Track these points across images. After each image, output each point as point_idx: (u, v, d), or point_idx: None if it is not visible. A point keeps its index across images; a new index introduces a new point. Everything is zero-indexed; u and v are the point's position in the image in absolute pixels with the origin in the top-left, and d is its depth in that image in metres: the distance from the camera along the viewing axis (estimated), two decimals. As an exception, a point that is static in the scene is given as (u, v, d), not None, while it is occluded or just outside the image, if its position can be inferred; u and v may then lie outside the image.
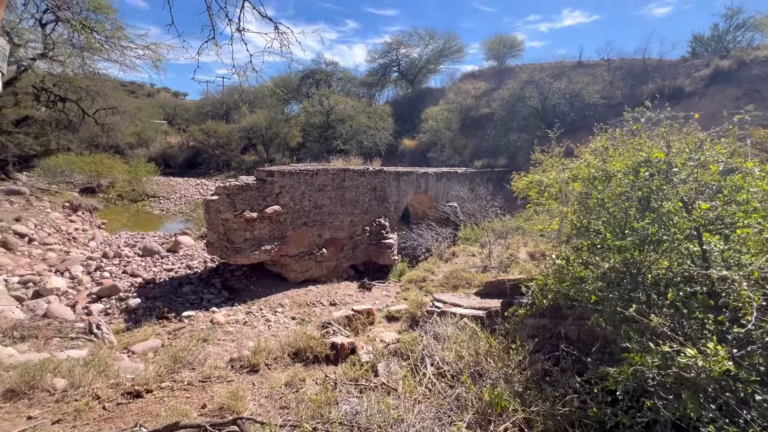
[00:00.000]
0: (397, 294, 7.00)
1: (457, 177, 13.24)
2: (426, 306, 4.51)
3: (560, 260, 2.95)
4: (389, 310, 4.97)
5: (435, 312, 4.11)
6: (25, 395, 3.04)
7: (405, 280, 7.39)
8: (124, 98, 19.96)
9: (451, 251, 8.34)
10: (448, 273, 6.56)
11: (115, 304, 6.46)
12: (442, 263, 7.76)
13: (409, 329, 4.28)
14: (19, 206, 10.33)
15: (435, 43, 28.71)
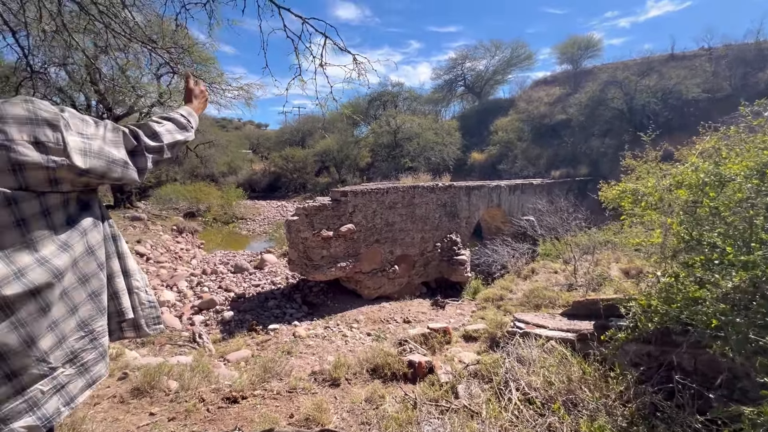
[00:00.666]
0: (473, 313, 6.75)
1: (532, 189, 12.54)
2: (506, 326, 4.28)
3: (667, 278, 2.60)
4: (466, 330, 4.80)
5: (517, 333, 3.87)
6: (147, 394, 3.50)
7: (480, 298, 7.11)
8: (218, 133, 22.75)
9: (529, 268, 7.84)
10: (528, 291, 6.16)
11: (212, 316, 7.21)
12: (520, 281, 7.33)
13: (489, 350, 4.08)
14: (139, 230, 12.20)
15: (502, 54, 28.07)
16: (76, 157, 0.87)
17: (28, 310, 0.81)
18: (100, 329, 1.02)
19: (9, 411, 0.81)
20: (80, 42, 3.53)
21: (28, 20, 2.97)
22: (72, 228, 0.90)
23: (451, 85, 30.85)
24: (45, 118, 0.84)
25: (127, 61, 5.38)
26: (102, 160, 0.94)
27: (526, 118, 22.03)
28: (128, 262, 1.13)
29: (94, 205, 0.99)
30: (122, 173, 1.00)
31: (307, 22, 2.29)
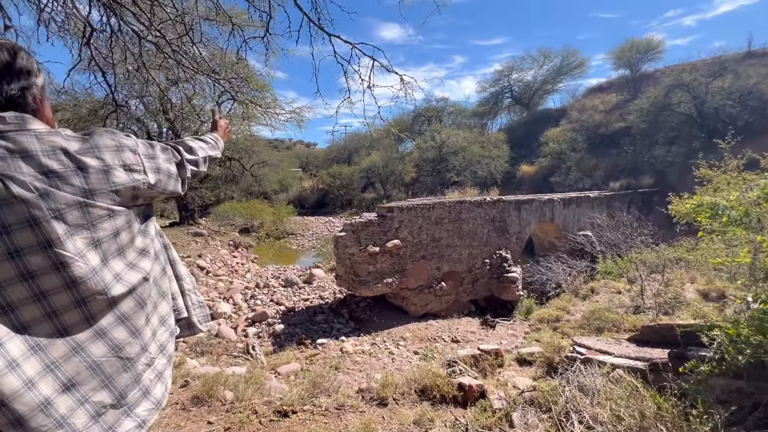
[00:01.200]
0: (526, 334, 6.37)
1: (589, 202, 11.78)
2: (565, 351, 3.98)
3: (760, 304, 2.28)
4: (520, 353, 4.53)
5: (577, 359, 3.58)
6: (205, 402, 3.68)
7: (534, 318, 6.71)
8: (271, 153, 24.05)
9: (588, 287, 7.29)
10: (588, 313, 5.71)
11: (264, 328, 7.48)
12: (578, 301, 6.82)
13: (546, 376, 3.81)
14: (200, 245, 13.12)
15: (551, 63, 27.17)
16: (150, 175, 1.02)
17: (129, 306, 0.95)
18: (174, 325, 1.16)
19: (132, 398, 0.94)
20: (155, 77, 3.95)
21: (115, 61, 3.37)
22: (145, 237, 1.04)
23: (498, 97, 30.30)
24: (126, 144, 0.99)
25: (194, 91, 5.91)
26: (164, 175, 1.09)
27: (579, 128, 20.90)
28: (178, 268, 1.27)
29: (152, 218, 1.13)
30: (174, 185, 1.15)
31: (356, 47, 2.38)
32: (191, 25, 3.03)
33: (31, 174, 0.81)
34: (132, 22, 3.00)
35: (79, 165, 0.87)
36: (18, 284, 0.79)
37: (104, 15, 2.99)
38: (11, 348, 0.77)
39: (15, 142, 0.81)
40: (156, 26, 2.56)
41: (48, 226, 0.82)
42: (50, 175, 0.83)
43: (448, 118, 31.72)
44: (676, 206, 3.56)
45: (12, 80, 0.88)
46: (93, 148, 0.91)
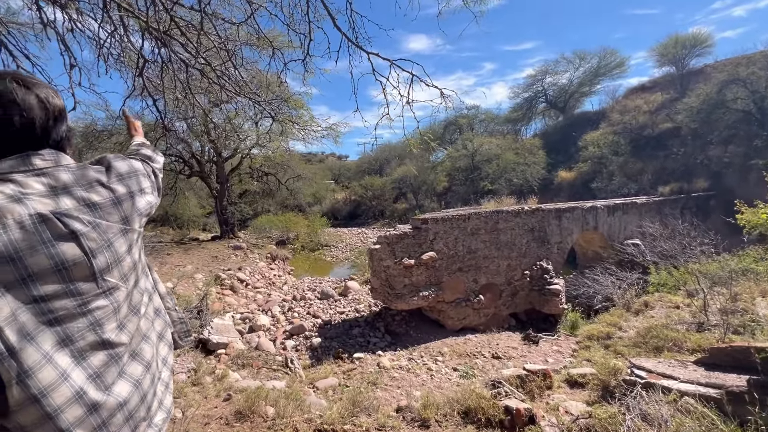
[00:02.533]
0: (574, 352, 5.99)
1: (636, 208, 11.08)
2: (622, 373, 3.68)
3: None
4: (570, 373, 4.24)
5: (637, 383, 3.30)
6: (248, 418, 3.72)
7: (582, 335, 6.31)
8: (304, 166, 24.72)
9: (641, 301, 6.78)
10: (643, 330, 5.29)
11: (302, 341, 7.55)
12: (630, 316, 6.35)
13: (601, 401, 3.52)
14: (239, 258, 13.58)
15: (587, 64, 26.14)
16: (157, 195, 1.12)
17: (144, 323, 1.01)
18: (170, 338, 1.21)
19: (153, 408, 0.97)
20: (200, 101, 4.15)
21: (164, 89, 3.57)
22: (140, 257, 1.08)
23: (531, 102, 29.51)
24: (138, 169, 1.05)
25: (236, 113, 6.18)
26: (161, 192, 1.19)
27: (621, 130, 19.83)
28: (159, 287, 1.32)
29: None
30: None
31: (394, 64, 2.38)
32: (234, 51, 3.15)
33: (78, 208, 0.83)
34: (180, 52, 3.17)
35: (114, 194, 0.92)
36: (79, 317, 0.81)
37: (155, 46, 3.18)
38: (75, 377, 0.78)
39: (56, 179, 0.84)
40: (202, 53, 2.68)
41: (101, 257, 0.85)
42: (94, 207, 0.86)
43: (480, 125, 31.26)
44: (747, 216, 3.22)
45: (63, 123, 0.93)
46: (119, 177, 0.96)
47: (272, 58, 2.86)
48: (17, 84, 0.86)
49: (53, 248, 0.77)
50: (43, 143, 0.88)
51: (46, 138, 0.88)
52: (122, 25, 3.05)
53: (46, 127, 0.88)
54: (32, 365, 0.71)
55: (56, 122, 0.91)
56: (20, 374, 0.70)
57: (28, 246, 0.74)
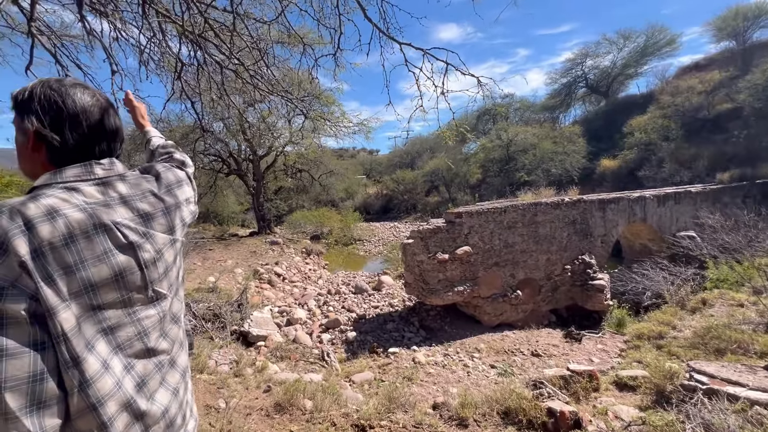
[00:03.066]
0: (622, 352, 5.64)
1: (690, 197, 10.24)
2: (679, 377, 3.40)
3: None
4: (619, 375, 3.99)
5: (698, 389, 3.03)
6: (287, 410, 3.80)
7: (631, 333, 5.93)
8: (336, 162, 25.02)
9: (698, 298, 6.27)
10: (702, 330, 4.88)
11: (337, 335, 7.66)
12: (686, 314, 5.89)
13: (656, 406, 3.28)
14: (276, 253, 13.99)
15: (633, 44, 24.37)
16: (196, 204, 1.13)
17: (185, 324, 1.05)
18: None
19: (187, 416, 0.96)
20: (235, 101, 4.24)
21: (201, 91, 3.68)
22: (181, 266, 1.09)
23: (570, 87, 28.01)
24: (182, 178, 1.06)
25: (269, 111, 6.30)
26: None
27: (672, 113, 18.36)
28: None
29: None
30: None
31: (428, 53, 2.28)
32: (266, 50, 3.17)
33: (133, 218, 0.84)
34: (215, 54, 3.23)
35: (164, 204, 0.93)
36: (129, 326, 0.81)
37: (191, 50, 3.27)
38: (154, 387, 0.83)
39: (114, 189, 0.84)
40: (235, 54, 2.71)
41: (153, 268, 0.85)
42: (147, 217, 0.87)
43: (515, 114, 30.16)
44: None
45: (121, 140, 0.96)
46: (168, 187, 0.97)
47: (303, 54, 2.85)
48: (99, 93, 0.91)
49: (114, 258, 0.78)
50: (113, 151, 0.92)
51: (120, 145, 0.93)
52: (161, 31, 3.15)
53: (116, 135, 0.93)
54: (93, 374, 0.72)
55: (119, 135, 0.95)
56: (82, 383, 0.70)
57: (93, 256, 0.75)
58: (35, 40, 2.83)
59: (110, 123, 0.90)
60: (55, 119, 0.81)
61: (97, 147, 0.87)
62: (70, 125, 0.82)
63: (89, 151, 0.86)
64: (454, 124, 2.66)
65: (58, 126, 0.81)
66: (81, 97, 0.85)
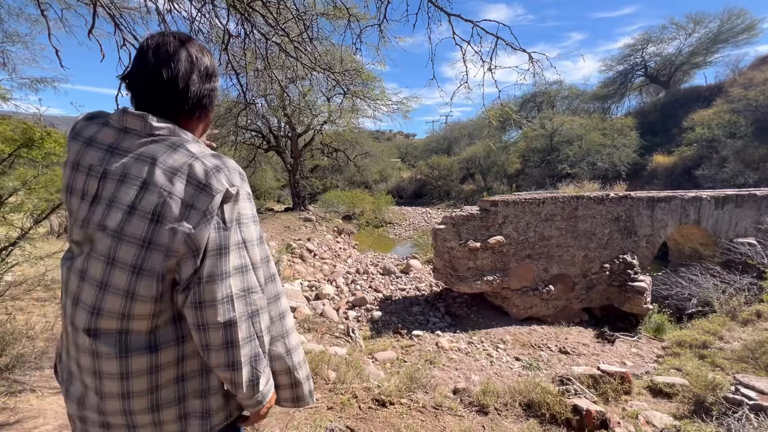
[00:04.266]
0: (659, 357, 5.36)
1: (754, 201, 9.35)
2: (722, 389, 3.18)
3: None
4: (654, 381, 3.79)
5: (744, 404, 2.82)
6: (311, 379, 3.96)
7: (671, 340, 5.60)
8: (372, 144, 24.97)
9: (752, 310, 5.78)
10: (753, 343, 4.51)
11: (363, 313, 7.80)
12: (736, 326, 5.47)
13: (693, 417, 3.10)
14: (309, 230, 14.35)
15: (704, 29, 22.13)
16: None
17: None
18: None
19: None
20: (278, 76, 4.28)
21: (246, 63, 3.74)
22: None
23: (626, 76, 26.03)
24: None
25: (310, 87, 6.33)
26: None
27: (743, 108, 16.64)
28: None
29: None
30: None
31: (477, 26, 2.16)
32: (310, 22, 3.15)
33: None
34: (261, 25, 3.26)
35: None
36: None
37: (239, 21, 3.31)
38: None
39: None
40: (281, 25, 2.71)
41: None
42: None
43: (562, 102, 28.57)
44: None
45: (209, 81, 0.95)
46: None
47: (348, 27, 2.80)
48: (173, 38, 0.89)
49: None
50: (184, 101, 0.89)
51: (186, 93, 0.89)
52: (210, 1, 3.21)
53: (188, 82, 0.88)
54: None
55: (201, 79, 0.92)
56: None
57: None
58: (97, 10, 2.98)
59: (193, 68, 0.91)
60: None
61: (177, 94, 0.91)
62: (154, 70, 0.89)
63: (170, 99, 0.91)
64: (500, 104, 2.54)
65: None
66: (171, 41, 0.90)
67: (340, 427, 2.82)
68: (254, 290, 0.86)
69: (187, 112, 0.91)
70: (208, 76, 0.93)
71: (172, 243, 0.77)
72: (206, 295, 0.79)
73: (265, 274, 0.93)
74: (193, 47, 0.90)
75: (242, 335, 0.83)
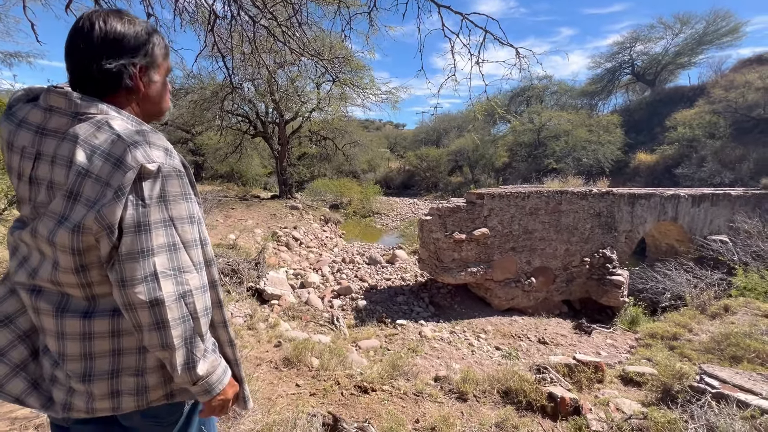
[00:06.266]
0: (632, 348, 5.58)
1: (729, 201, 9.70)
2: (687, 378, 3.34)
3: None
4: (626, 370, 3.96)
5: (706, 392, 2.98)
6: (294, 366, 3.98)
7: (644, 332, 5.82)
8: (361, 133, 24.76)
9: (720, 304, 6.05)
10: (720, 336, 4.74)
11: (348, 302, 7.85)
12: (705, 319, 5.72)
13: (660, 404, 3.25)
14: (295, 218, 14.25)
15: (690, 29, 22.53)
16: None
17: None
18: None
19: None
20: (265, 60, 4.20)
21: (233, 46, 3.65)
22: None
23: (614, 73, 26.37)
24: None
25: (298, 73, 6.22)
26: None
27: (723, 109, 17.12)
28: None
29: None
30: None
31: (466, 18, 2.16)
32: (299, 6, 3.09)
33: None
34: (248, 8, 3.18)
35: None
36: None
37: (225, 3, 3.22)
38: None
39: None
40: (269, 8, 2.66)
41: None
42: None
43: (551, 98, 28.82)
44: None
45: (117, 55, 0.88)
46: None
47: (337, 13, 2.76)
48: (94, 15, 0.87)
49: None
50: (100, 79, 0.87)
51: (100, 71, 0.86)
52: (197, -20, 3.11)
53: (99, 60, 0.85)
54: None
55: (113, 55, 0.86)
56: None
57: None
58: (75, -18, 2.85)
59: (94, 41, 0.86)
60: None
61: (82, 71, 0.90)
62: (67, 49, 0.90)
63: (81, 78, 0.90)
64: (486, 98, 2.55)
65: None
66: (86, 19, 0.89)
67: (322, 412, 2.86)
68: (186, 269, 0.86)
69: (109, 89, 0.89)
70: (125, 51, 0.88)
71: (83, 220, 0.78)
72: (126, 273, 0.79)
73: (205, 257, 0.94)
74: (110, 21, 0.87)
75: (172, 315, 0.82)
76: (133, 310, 0.80)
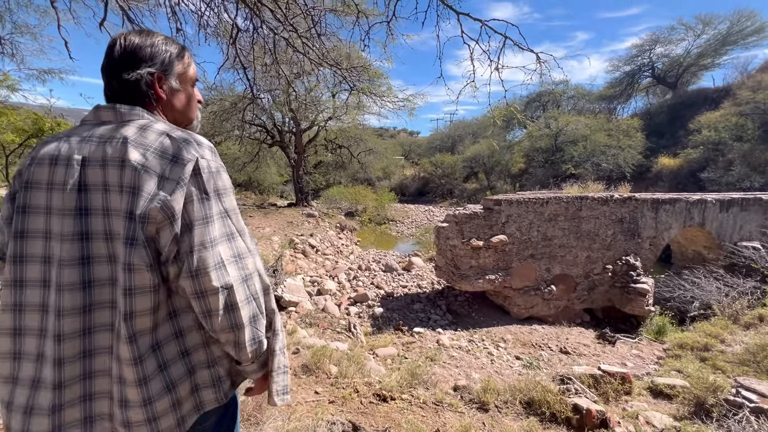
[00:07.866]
0: (660, 359, 5.36)
1: (760, 205, 9.30)
2: (723, 392, 3.19)
3: None
4: (655, 382, 3.80)
5: (744, 406, 2.83)
6: (313, 373, 3.98)
7: (672, 342, 5.60)
8: (376, 141, 24.89)
9: (755, 314, 5.77)
10: (755, 347, 4.51)
11: (365, 309, 7.84)
12: (738, 329, 5.46)
13: (693, 418, 3.11)
14: (312, 225, 14.38)
15: (713, 30, 21.92)
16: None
17: None
18: None
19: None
20: (285, 70, 4.29)
21: (254, 58, 3.75)
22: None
23: (633, 76, 25.81)
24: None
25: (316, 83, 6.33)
26: None
27: (750, 111, 16.49)
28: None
29: None
30: None
31: (486, 25, 2.16)
32: (319, 18, 3.16)
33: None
34: (269, 20, 3.26)
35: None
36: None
37: (247, 15, 3.32)
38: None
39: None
40: (289, 20, 2.72)
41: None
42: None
43: (568, 102, 28.41)
44: None
45: (137, 65, 0.92)
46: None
47: (356, 24, 2.81)
48: (126, 36, 0.93)
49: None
50: (128, 92, 0.92)
51: (127, 83, 0.91)
52: (220, -5, 3.22)
53: (120, 73, 0.91)
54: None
55: (128, 68, 0.91)
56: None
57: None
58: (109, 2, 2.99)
59: (115, 55, 0.92)
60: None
61: (109, 86, 0.95)
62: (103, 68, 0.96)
63: (111, 92, 0.96)
64: (506, 104, 2.54)
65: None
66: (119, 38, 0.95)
67: (342, 420, 2.85)
68: (244, 255, 0.91)
69: (138, 100, 0.93)
70: (141, 61, 0.92)
71: (147, 210, 0.80)
72: (199, 264, 0.83)
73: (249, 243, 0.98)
74: (129, 37, 0.92)
75: (240, 297, 0.87)
76: (205, 297, 0.84)
